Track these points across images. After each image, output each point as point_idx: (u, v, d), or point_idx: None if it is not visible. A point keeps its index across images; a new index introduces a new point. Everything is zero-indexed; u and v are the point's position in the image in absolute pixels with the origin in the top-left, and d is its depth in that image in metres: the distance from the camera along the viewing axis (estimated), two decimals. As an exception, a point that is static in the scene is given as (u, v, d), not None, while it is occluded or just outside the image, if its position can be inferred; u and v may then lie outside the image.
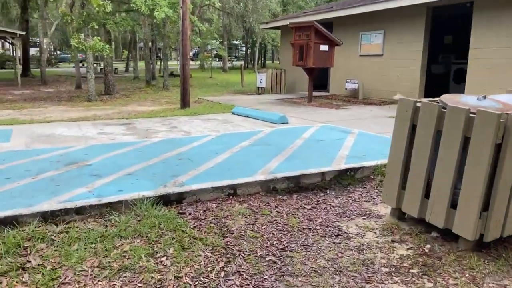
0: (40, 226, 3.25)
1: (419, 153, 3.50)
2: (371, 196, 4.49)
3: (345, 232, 3.57)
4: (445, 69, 14.13)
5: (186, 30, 10.23)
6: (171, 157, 5.22)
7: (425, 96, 12.20)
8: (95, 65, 27.49)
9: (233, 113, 9.71)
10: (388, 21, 12.64)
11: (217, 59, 35.49)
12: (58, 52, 49.76)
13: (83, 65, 30.02)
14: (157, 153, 5.42)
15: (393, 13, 12.26)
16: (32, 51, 33.23)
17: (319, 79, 15.31)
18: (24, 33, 21.62)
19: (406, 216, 3.82)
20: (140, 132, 7.15)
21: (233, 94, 17.30)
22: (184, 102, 10.63)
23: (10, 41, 21.59)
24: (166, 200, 3.79)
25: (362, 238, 3.48)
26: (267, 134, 6.86)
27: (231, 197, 4.13)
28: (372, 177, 4.91)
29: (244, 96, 15.28)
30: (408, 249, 3.34)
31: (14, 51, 22.21)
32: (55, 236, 3.16)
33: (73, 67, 22.15)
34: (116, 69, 31.30)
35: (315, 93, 13.63)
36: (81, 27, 14.26)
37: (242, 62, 43.39)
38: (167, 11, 14.07)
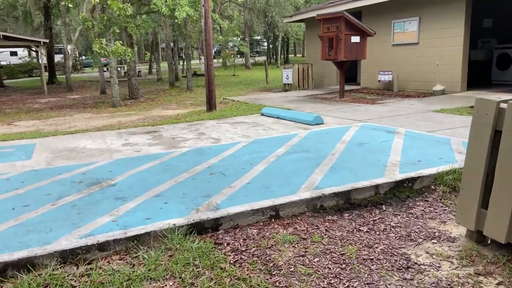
0: (58, 268, 2.81)
1: (506, 165, 2.84)
2: (436, 212, 3.85)
3: (415, 263, 2.96)
4: (486, 55, 13.07)
5: (209, 28, 9.72)
6: (202, 171, 4.73)
7: (468, 85, 11.27)
8: (118, 68, 27.55)
9: (262, 114, 9.16)
10: (424, 6, 11.73)
11: (238, 56, 35.03)
12: (83, 58, 50.58)
13: (107, 69, 30.19)
14: (186, 166, 4.94)
15: (429, -3, 11.37)
16: (58, 57, 33.73)
17: (348, 72, 14.52)
18: (47, 40, 21.76)
19: (488, 240, 3.17)
20: (166, 141, 6.71)
21: (258, 92, 16.75)
22: (211, 105, 10.16)
23: (34, 50, 21.80)
24: (200, 228, 3.28)
25: (438, 270, 2.87)
26: (303, 139, 6.27)
27: (273, 220, 3.58)
28: (433, 187, 4.25)
29: (271, 94, 14.70)
30: (498, 284, 2.71)
31: (39, 59, 22.41)
32: (75, 281, 2.71)
33: (98, 72, 22.19)
34: (139, 71, 31.35)
35: (345, 87, 12.88)
36: (103, 32, 14.03)
37: (264, 58, 42.78)
38: (188, 10, 13.63)
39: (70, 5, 12.58)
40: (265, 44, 50.19)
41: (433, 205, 4.00)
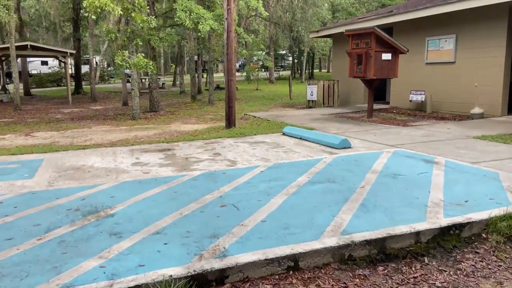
0: (24, 331, 2.30)
1: None
2: (490, 268, 3.16)
3: None
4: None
5: (231, 43, 9.30)
6: (212, 201, 4.18)
7: (509, 109, 10.40)
8: (143, 80, 27.69)
9: (284, 134, 8.59)
10: (461, 23, 10.99)
11: (263, 70, 34.74)
12: (111, 68, 51.56)
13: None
14: (195, 194, 4.41)
15: (468, 15, 10.62)
16: (87, 68, 34.32)
17: (375, 90, 13.80)
18: (74, 51, 22.01)
19: None
20: (178, 161, 6.22)
21: (281, 108, 16.22)
22: (230, 122, 9.68)
23: (62, 60, 22.07)
24: (201, 281, 2.72)
25: None
26: (328, 165, 5.66)
27: (291, 272, 2.98)
28: (484, 235, 3.55)
29: (294, 111, 14.14)
30: None
31: (65, 69, 22.72)
32: None
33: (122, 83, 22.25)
34: (163, 83, 31.49)
35: (373, 106, 12.16)
36: (126, 44, 13.91)
37: (289, 72, 42.38)
38: (212, 24, 13.36)
39: (93, 17, 12.44)
40: (290, 58, 49.86)
41: (485, 258, 3.31)
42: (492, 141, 7.10)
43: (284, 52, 51.45)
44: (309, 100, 15.38)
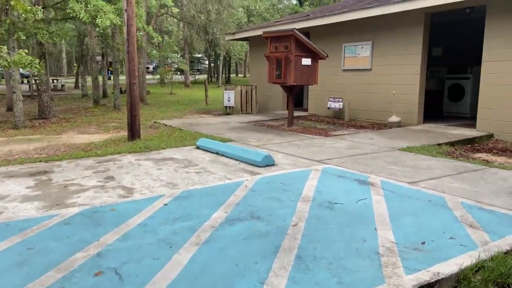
0: None
1: None
2: None
3: None
4: (436, 85, 12.50)
5: (133, 39, 7.83)
6: (83, 265, 2.82)
7: (425, 117, 10.44)
8: (37, 81, 24.24)
9: (198, 147, 7.38)
10: (377, 30, 10.84)
11: (178, 73, 32.95)
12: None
13: (28, 81, 26.48)
14: (59, 252, 3.00)
15: (384, 21, 10.48)
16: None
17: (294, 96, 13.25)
18: None
19: None
20: (52, 192, 4.66)
21: (197, 114, 14.97)
22: (133, 133, 8.16)
23: None
24: None
25: None
26: (250, 191, 4.58)
27: None
28: (455, 295, 2.74)
29: (210, 118, 12.98)
30: None
31: None
32: None
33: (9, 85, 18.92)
34: (63, 85, 28.15)
35: (294, 114, 11.51)
36: (5, 38, 11.51)
37: (205, 76, 41.16)
38: (113, 18, 11.61)
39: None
40: (206, 62, 48.66)
41: (463, 330, 2.48)
42: (419, 154, 6.69)
43: (200, 55, 50.08)
44: (226, 106, 14.35)
